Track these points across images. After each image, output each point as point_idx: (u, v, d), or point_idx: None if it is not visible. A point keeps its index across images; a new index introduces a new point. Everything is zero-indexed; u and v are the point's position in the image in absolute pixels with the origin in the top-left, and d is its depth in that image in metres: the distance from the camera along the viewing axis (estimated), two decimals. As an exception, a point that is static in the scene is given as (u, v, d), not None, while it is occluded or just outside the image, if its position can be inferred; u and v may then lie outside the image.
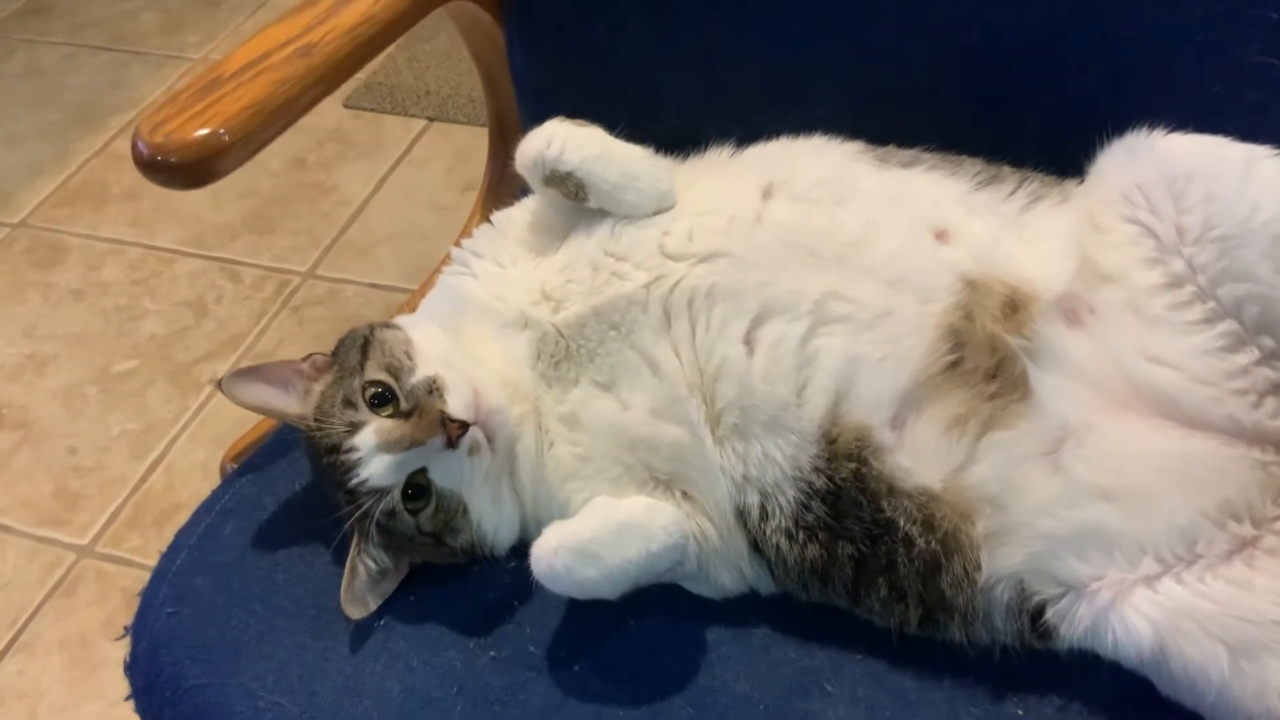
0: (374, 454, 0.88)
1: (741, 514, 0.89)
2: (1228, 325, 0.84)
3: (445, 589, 0.95)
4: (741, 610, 0.92)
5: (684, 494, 0.90)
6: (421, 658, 0.91)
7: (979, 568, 0.84)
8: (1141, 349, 0.84)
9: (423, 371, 0.91)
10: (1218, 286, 0.84)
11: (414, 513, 0.90)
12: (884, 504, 0.85)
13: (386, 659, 0.91)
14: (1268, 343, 0.83)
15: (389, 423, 0.89)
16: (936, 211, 0.92)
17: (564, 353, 0.93)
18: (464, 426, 0.87)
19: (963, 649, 0.86)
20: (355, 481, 0.89)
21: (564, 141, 0.95)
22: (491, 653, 0.91)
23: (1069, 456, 0.83)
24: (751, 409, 0.88)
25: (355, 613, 0.92)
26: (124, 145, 2.37)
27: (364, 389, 0.91)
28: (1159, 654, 0.80)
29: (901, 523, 0.85)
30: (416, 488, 0.89)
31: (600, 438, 0.91)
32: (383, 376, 0.91)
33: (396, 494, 0.89)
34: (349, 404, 0.91)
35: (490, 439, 0.90)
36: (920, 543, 0.84)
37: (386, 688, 0.89)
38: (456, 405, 0.88)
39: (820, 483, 0.86)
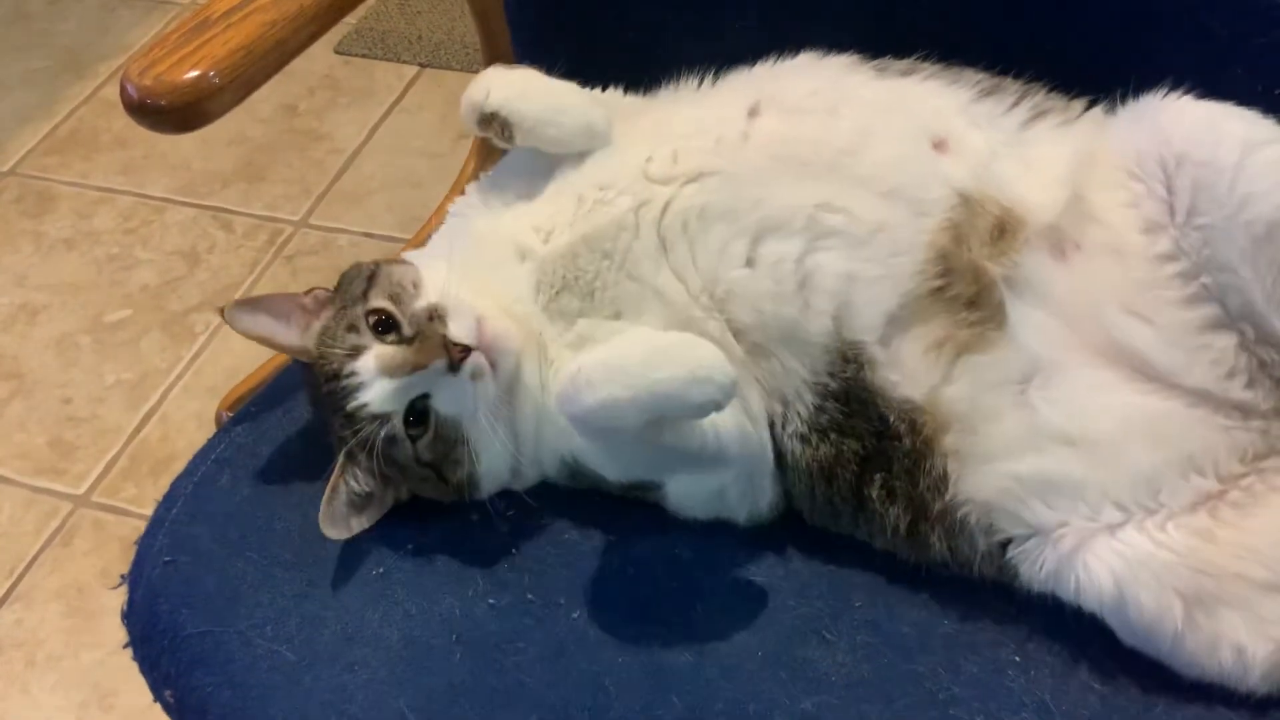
0: (375, 378, 0.89)
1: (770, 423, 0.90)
2: (1210, 309, 0.83)
3: (443, 537, 0.95)
4: (741, 559, 0.92)
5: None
6: (420, 606, 0.91)
7: (948, 476, 0.86)
8: (1121, 300, 0.84)
9: (426, 298, 0.91)
10: (1201, 273, 0.83)
11: (414, 440, 0.90)
12: (879, 400, 0.87)
13: (385, 607, 0.91)
14: (1248, 330, 0.83)
15: (391, 348, 0.89)
16: (937, 120, 0.91)
17: (562, 283, 0.93)
18: (466, 350, 0.88)
19: (947, 570, 0.88)
20: (354, 405, 0.89)
21: (490, 84, 0.97)
22: (490, 600, 0.91)
23: (1036, 396, 0.84)
24: (765, 328, 0.89)
25: (333, 532, 0.91)
26: (113, 92, 2.34)
27: (368, 316, 0.91)
28: (1119, 603, 0.81)
29: (892, 419, 0.87)
30: (418, 414, 0.90)
31: None
32: (385, 304, 0.91)
33: (398, 421, 0.89)
34: (352, 329, 0.91)
35: (494, 365, 0.90)
36: (907, 441, 0.87)
37: (385, 636, 0.89)
38: (458, 330, 0.89)
39: (835, 385, 0.88)
